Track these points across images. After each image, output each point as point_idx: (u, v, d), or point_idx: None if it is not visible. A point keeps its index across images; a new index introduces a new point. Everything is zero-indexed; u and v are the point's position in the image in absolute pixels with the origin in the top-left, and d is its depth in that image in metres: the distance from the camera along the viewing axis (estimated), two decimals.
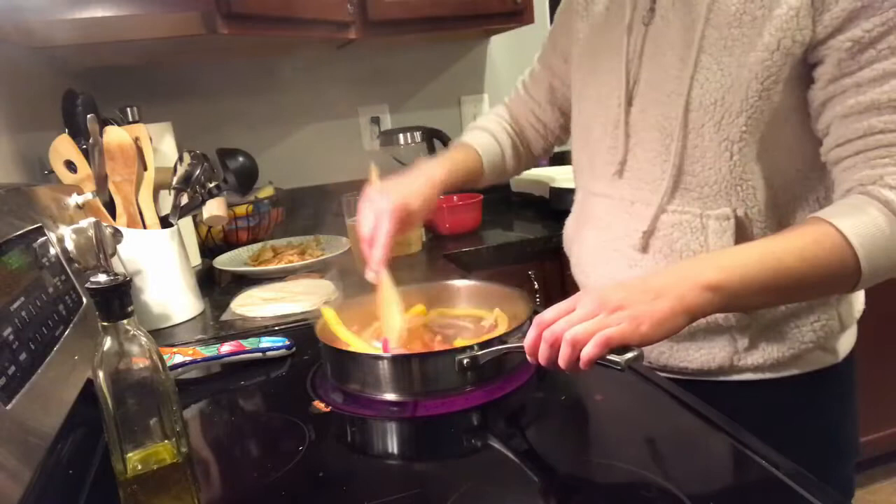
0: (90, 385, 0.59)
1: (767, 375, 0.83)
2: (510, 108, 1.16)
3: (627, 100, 0.85)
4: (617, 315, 0.61)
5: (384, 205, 0.88)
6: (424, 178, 0.96)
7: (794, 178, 0.79)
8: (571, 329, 0.61)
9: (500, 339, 0.76)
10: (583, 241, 0.96)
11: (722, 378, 0.85)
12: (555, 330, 0.63)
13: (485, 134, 1.11)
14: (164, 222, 1.17)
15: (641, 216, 0.84)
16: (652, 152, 0.83)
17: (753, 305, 0.75)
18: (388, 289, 0.87)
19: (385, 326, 0.86)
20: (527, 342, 0.65)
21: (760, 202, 0.78)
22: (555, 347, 0.63)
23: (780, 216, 0.80)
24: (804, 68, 0.73)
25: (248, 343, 0.93)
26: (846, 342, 0.87)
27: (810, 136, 0.76)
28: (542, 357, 0.64)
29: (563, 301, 0.65)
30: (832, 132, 0.72)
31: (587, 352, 0.60)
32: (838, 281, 0.69)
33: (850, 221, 0.66)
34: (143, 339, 0.54)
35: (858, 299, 0.87)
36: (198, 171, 1.16)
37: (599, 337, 0.59)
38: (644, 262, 0.85)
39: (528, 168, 1.19)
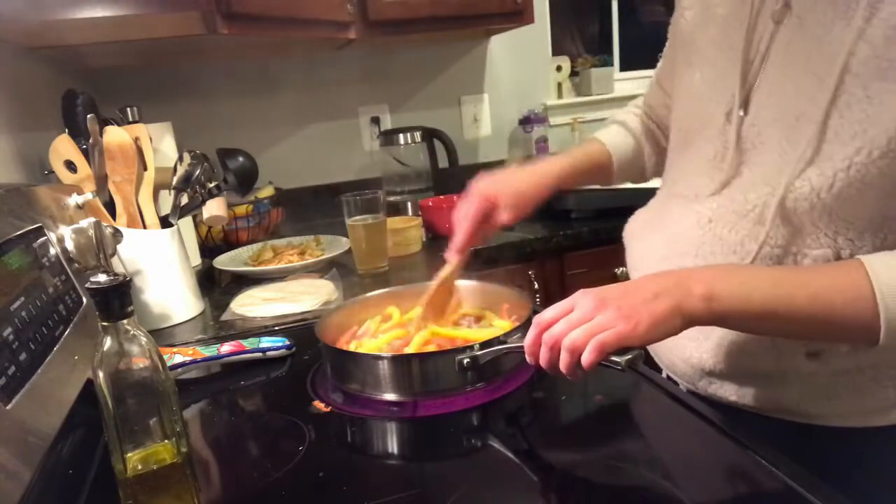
0: (90, 385, 0.59)
1: (834, 424, 0.73)
2: (648, 99, 1.03)
3: (740, 109, 0.73)
4: (614, 315, 0.60)
5: (476, 192, 0.86)
6: (530, 177, 0.91)
7: None
8: (569, 335, 0.61)
9: (500, 340, 0.76)
10: (646, 240, 0.88)
11: (778, 416, 0.75)
12: (553, 333, 0.62)
13: (618, 128, 1.01)
14: (164, 222, 1.17)
15: (722, 239, 0.74)
16: (759, 176, 0.71)
17: (754, 329, 0.68)
18: (447, 272, 0.88)
19: (420, 313, 0.87)
20: (526, 343, 0.65)
21: (868, 244, 0.66)
22: (554, 350, 0.62)
23: None
24: None
25: (248, 343, 0.93)
26: None
27: None
28: (543, 360, 0.64)
29: (563, 301, 0.65)
30: None
31: (585, 359, 0.59)
32: (853, 334, 0.62)
33: (890, 279, 0.59)
34: (143, 339, 0.54)
35: None
36: (198, 171, 1.16)
37: (595, 343, 0.59)
38: None
39: None
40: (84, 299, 0.82)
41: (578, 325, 0.61)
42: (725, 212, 0.74)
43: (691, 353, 0.78)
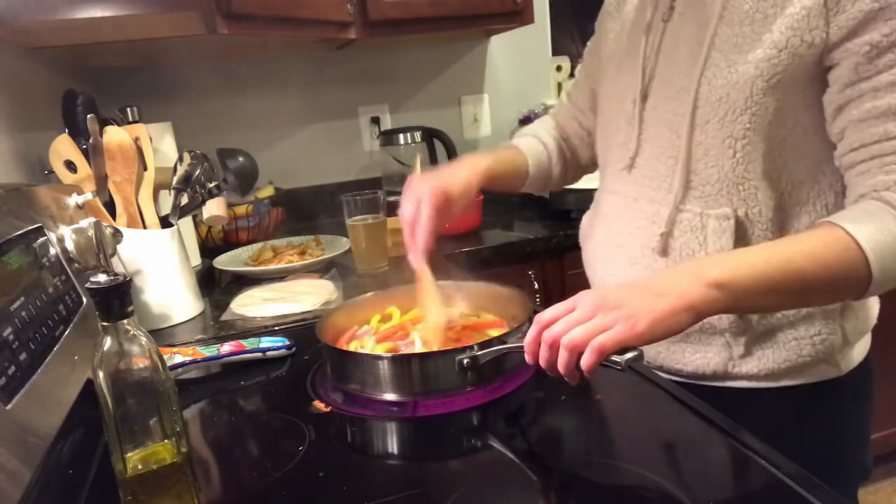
0: (90, 385, 0.59)
1: (763, 384, 0.82)
2: (556, 116, 1.15)
3: (642, 96, 0.86)
4: (614, 315, 0.61)
5: (424, 190, 0.87)
6: (467, 167, 0.95)
7: (803, 181, 0.78)
8: (568, 334, 0.61)
9: (500, 339, 0.76)
10: (593, 237, 0.97)
11: (717, 384, 0.84)
12: (553, 332, 0.63)
13: (531, 138, 1.10)
14: (164, 222, 1.17)
15: (645, 213, 0.85)
16: (659, 149, 0.83)
17: (762, 307, 0.74)
18: (428, 280, 0.87)
19: (424, 321, 0.87)
20: (526, 341, 0.66)
21: (763, 203, 0.77)
22: (553, 349, 0.63)
23: (784, 220, 0.79)
24: (818, 70, 0.73)
25: (248, 343, 0.93)
26: (852, 356, 0.84)
27: (822, 140, 0.75)
28: (542, 359, 0.64)
29: (564, 301, 0.65)
30: (847, 136, 0.72)
31: (585, 361, 0.60)
32: (849, 286, 0.68)
33: (863, 227, 0.66)
34: (143, 339, 0.54)
35: (869, 314, 0.85)
36: (198, 171, 1.16)
37: (594, 345, 0.60)
38: (643, 259, 0.85)
39: (576, 179, 1.16)
40: (84, 299, 0.82)
41: (578, 324, 0.61)
42: (646, 189, 0.85)
43: None
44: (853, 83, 0.70)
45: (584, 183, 1.73)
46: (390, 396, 0.77)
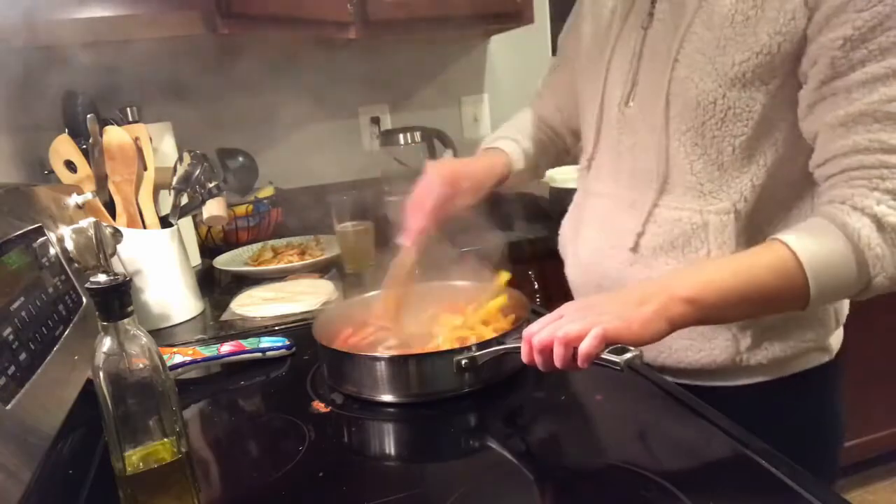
0: (90, 385, 0.59)
1: (769, 377, 0.83)
2: (538, 110, 1.15)
3: (625, 101, 0.86)
4: (608, 316, 0.62)
5: (437, 175, 0.88)
6: (487, 166, 0.97)
7: (794, 176, 0.78)
8: (563, 328, 0.62)
9: (498, 340, 0.76)
10: (582, 241, 0.96)
11: (720, 382, 0.84)
12: (542, 337, 0.64)
13: (507, 141, 1.09)
14: (164, 222, 1.17)
15: (641, 215, 0.85)
16: (646, 152, 0.83)
17: (729, 318, 0.76)
18: (404, 264, 0.87)
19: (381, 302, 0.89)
20: (522, 355, 0.67)
21: (757, 198, 0.78)
22: (545, 353, 0.64)
23: (783, 210, 0.80)
24: (795, 69, 0.73)
25: (248, 343, 0.93)
26: (837, 340, 0.87)
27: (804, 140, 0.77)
28: (540, 365, 0.65)
29: (549, 314, 0.67)
30: (819, 145, 0.72)
31: (584, 347, 0.60)
32: (794, 299, 0.69)
33: (806, 245, 0.66)
34: (143, 339, 0.54)
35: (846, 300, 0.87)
36: (198, 171, 1.16)
37: (596, 331, 0.60)
38: (643, 259, 0.85)
39: (559, 164, 1.18)
40: (84, 299, 0.82)
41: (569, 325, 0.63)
42: (630, 181, 0.86)
43: None
44: (828, 81, 0.69)
45: None
46: (388, 397, 0.77)
